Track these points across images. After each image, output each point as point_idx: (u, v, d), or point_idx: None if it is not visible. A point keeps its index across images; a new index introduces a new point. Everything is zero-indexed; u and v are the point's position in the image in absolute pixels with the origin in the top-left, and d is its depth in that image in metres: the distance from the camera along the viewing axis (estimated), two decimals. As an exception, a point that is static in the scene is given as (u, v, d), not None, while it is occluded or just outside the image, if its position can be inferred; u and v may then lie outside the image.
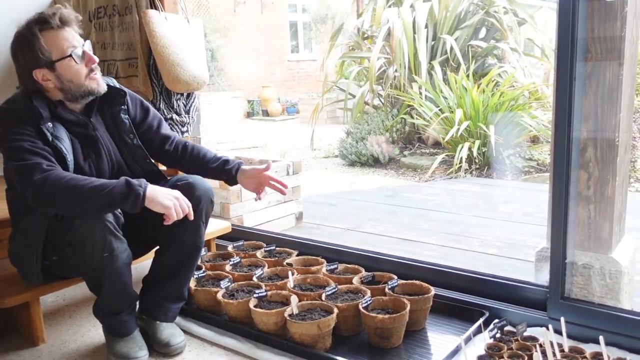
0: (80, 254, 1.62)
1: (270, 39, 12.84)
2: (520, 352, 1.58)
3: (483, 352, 1.60)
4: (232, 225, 2.63)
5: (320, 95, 7.88)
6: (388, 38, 6.53)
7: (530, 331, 1.72)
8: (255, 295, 1.91)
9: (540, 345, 1.58)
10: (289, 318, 1.76)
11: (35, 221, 1.69)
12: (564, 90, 1.65)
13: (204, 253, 2.34)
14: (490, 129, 5.36)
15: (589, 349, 1.58)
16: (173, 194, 1.62)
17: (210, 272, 2.17)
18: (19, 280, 1.86)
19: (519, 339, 1.66)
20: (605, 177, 1.70)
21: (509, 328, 1.74)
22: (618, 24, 1.62)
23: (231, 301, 1.92)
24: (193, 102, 2.42)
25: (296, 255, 2.33)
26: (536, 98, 5.97)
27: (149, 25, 2.19)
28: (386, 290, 1.91)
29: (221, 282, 2.04)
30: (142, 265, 2.04)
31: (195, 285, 2.06)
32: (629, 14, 1.63)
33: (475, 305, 1.92)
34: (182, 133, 2.37)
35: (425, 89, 6.14)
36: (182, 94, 2.36)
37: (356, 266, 2.16)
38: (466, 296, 1.97)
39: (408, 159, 6.09)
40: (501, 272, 2.05)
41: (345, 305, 1.80)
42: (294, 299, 1.83)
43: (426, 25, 6.64)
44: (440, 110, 5.88)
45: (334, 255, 2.33)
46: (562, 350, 1.56)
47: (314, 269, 2.15)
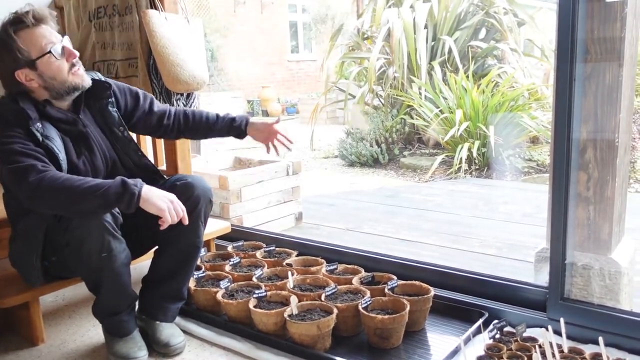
0: (78, 254, 1.62)
1: (270, 39, 12.84)
2: (519, 353, 1.58)
3: (482, 353, 1.61)
4: (232, 225, 2.63)
5: (319, 96, 7.89)
6: (388, 38, 6.53)
7: (529, 332, 1.72)
8: (254, 295, 1.91)
9: (540, 346, 1.58)
10: (288, 318, 1.76)
11: (33, 222, 1.69)
12: (563, 91, 1.65)
13: (203, 253, 2.34)
14: (490, 129, 5.36)
15: (588, 349, 1.58)
16: (168, 197, 1.60)
17: (209, 273, 2.17)
18: (19, 280, 1.86)
19: (519, 339, 1.66)
20: (605, 178, 1.70)
21: (508, 329, 1.75)
22: (618, 25, 1.62)
23: (231, 301, 1.92)
24: (193, 102, 2.42)
25: (296, 256, 2.33)
26: (536, 99, 5.97)
27: (149, 25, 2.19)
28: (386, 290, 1.91)
29: (221, 283, 2.04)
30: (142, 265, 2.04)
31: (194, 286, 2.06)
32: (628, 15, 1.63)
33: (474, 305, 1.92)
34: (182, 133, 2.37)
35: (425, 90, 6.15)
36: (182, 94, 2.35)
37: (356, 267, 2.16)
38: (466, 297, 1.97)
39: (408, 159, 6.09)
40: (501, 273, 2.05)
41: (345, 305, 1.80)
42: (294, 300, 1.83)
43: (426, 26, 6.64)
44: (440, 110, 5.88)
45: (333, 255, 2.33)
46: (562, 351, 1.56)
47: (314, 269, 2.15)
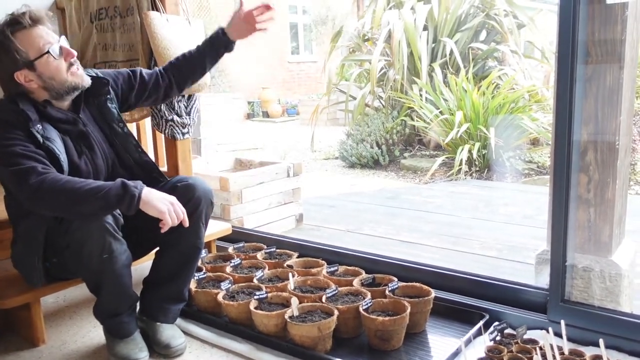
0: (79, 255, 1.62)
1: (271, 40, 12.84)
2: (520, 355, 1.58)
3: (483, 355, 1.61)
4: (233, 226, 2.63)
5: (320, 97, 7.89)
6: (388, 40, 6.54)
7: (530, 334, 1.72)
8: (255, 297, 1.91)
9: (541, 348, 1.58)
10: (289, 320, 1.76)
11: (34, 224, 1.69)
12: (564, 93, 1.66)
13: (204, 254, 2.34)
14: (490, 131, 5.36)
15: (589, 351, 1.58)
16: (168, 199, 1.60)
17: (210, 274, 2.18)
18: (20, 281, 1.86)
19: (519, 341, 1.66)
20: (606, 180, 1.70)
21: (509, 331, 1.75)
22: (619, 27, 1.63)
23: (231, 303, 1.92)
24: (194, 104, 2.42)
25: (296, 257, 2.33)
26: (536, 100, 5.97)
27: (150, 26, 2.19)
28: (386, 292, 1.91)
29: (222, 284, 2.04)
30: (142, 267, 2.05)
31: (195, 287, 2.06)
32: (629, 17, 1.63)
33: (475, 307, 1.92)
34: (183, 134, 2.37)
35: (425, 91, 6.15)
36: (183, 96, 2.36)
37: (356, 268, 2.16)
38: (466, 299, 1.97)
39: (408, 160, 6.09)
40: (501, 275, 2.05)
41: (346, 307, 1.81)
42: (295, 301, 1.83)
43: (426, 28, 6.65)
44: (440, 112, 5.88)
45: (334, 257, 2.33)
46: (562, 353, 1.57)
47: (315, 270, 2.16)
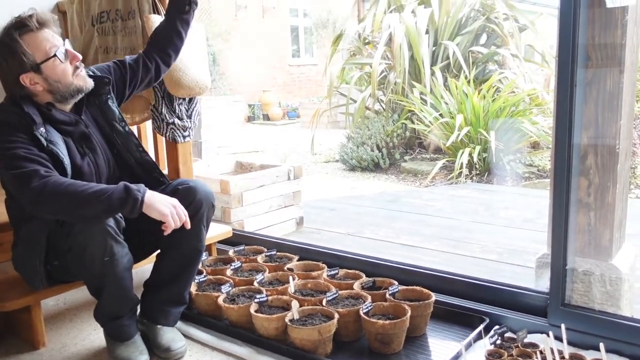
0: (80, 258, 1.62)
1: (272, 43, 12.87)
2: (520, 359, 1.58)
3: (483, 359, 1.61)
4: (233, 229, 2.64)
5: (320, 100, 7.90)
6: (389, 43, 6.55)
7: (530, 338, 1.72)
8: (256, 300, 1.91)
9: (541, 352, 1.58)
10: (289, 323, 1.76)
11: (36, 227, 1.69)
12: (564, 97, 1.66)
13: (204, 257, 2.34)
14: (490, 134, 5.37)
15: (589, 355, 1.58)
16: (170, 202, 1.61)
17: (211, 277, 2.18)
18: (20, 283, 1.87)
19: (520, 345, 1.66)
20: (606, 184, 1.70)
21: (509, 334, 1.75)
22: (619, 32, 1.63)
23: (232, 306, 1.92)
24: (195, 107, 2.43)
25: (297, 260, 2.34)
26: (537, 104, 5.98)
27: (151, 30, 2.19)
28: (387, 295, 1.91)
29: (222, 287, 2.04)
30: (143, 270, 2.05)
31: (196, 290, 2.06)
32: (629, 22, 1.63)
33: (475, 311, 1.92)
34: (184, 137, 2.38)
35: (426, 95, 6.16)
36: (184, 99, 2.36)
37: (357, 271, 2.16)
38: (467, 302, 1.97)
39: (408, 164, 6.09)
40: (501, 278, 2.05)
41: (346, 310, 1.81)
42: (295, 304, 1.84)
43: (427, 31, 6.66)
44: (440, 115, 5.89)
45: (334, 260, 2.33)
46: (563, 357, 1.57)
47: (315, 274, 2.16)
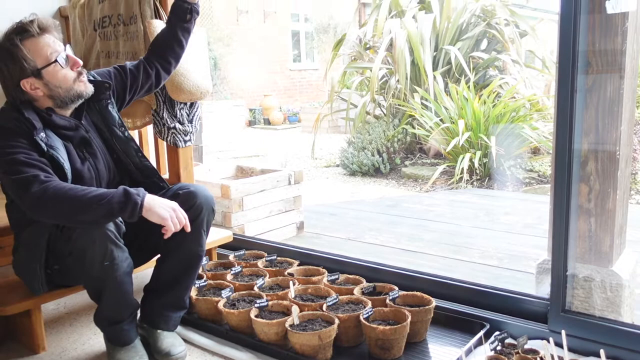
0: (81, 263, 1.63)
1: (273, 48, 12.91)
2: (521, 365, 1.58)
3: (484, 365, 1.61)
4: (234, 234, 2.64)
5: (321, 105, 7.92)
6: (390, 49, 6.56)
7: (531, 344, 1.72)
8: (256, 305, 1.91)
9: (541, 358, 1.58)
10: (289, 328, 1.76)
11: (36, 232, 1.69)
12: (565, 103, 1.66)
13: (205, 262, 2.34)
14: (491, 140, 5.37)
15: (589, 362, 1.58)
16: (170, 205, 1.61)
17: (211, 282, 2.18)
18: (21, 287, 1.87)
19: (520, 351, 1.66)
20: (606, 191, 1.70)
21: (509, 340, 1.74)
22: (619, 38, 1.64)
23: (232, 311, 1.92)
24: (196, 112, 2.43)
25: (297, 265, 2.34)
26: (537, 109, 5.99)
27: (153, 35, 2.20)
28: (387, 301, 1.91)
29: (222, 292, 2.04)
30: (143, 274, 2.05)
31: (196, 295, 2.06)
32: (629, 28, 1.64)
33: (476, 317, 1.92)
34: (185, 142, 2.38)
35: (426, 100, 6.17)
36: (186, 104, 2.37)
37: (357, 277, 2.16)
38: (467, 308, 1.97)
39: (409, 169, 6.10)
40: (502, 284, 2.05)
41: (346, 316, 1.80)
42: (295, 309, 1.83)
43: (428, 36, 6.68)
44: (441, 120, 5.90)
45: (335, 265, 2.33)
46: (563, 364, 1.56)
47: (315, 279, 2.16)
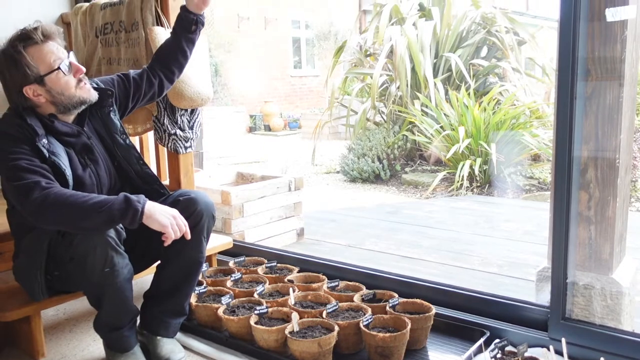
0: (81, 269, 1.63)
1: (273, 54, 12.95)
2: (521, 373, 1.57)
3: (484, 372, 1.60)
4: (234, 240, 2.63)
5: (322, 111, 7.94)
6: (391, 55, 6.59)
7: (531, 352, 1.71)
8: (256, 311, 1.91)
9: (541, 366, 1.58)
10: (289, 335, 1.76)
11: (38, 237, 1.69)
12: (564, 110, 1.67)
13: (205, 268, 2.34)
14: (491, 147, 5.38)
15: (590, 370, 1.57)
16: (171, 213, 1.62)
17: (211, 288, 2.18)
18: (20, 293, 1.86)
19: (520, 359, 1.65)
20: (606, 198, 1.70)
21: (510, 348, 1.74)
22: (618, 46, 1.64)
23: (232, 317, 1.92)
24: (197, 118, 2.44)
25: (297, 272, 2.34)
26: (537, 117, 6.00)
27: (155, 41, 2.21)
28: (387, 308, 1.91)
29: (222, 298, 2.04)
30: (143, 280, 2.05)
31: (196, 301, 2.06)
32: (628, 37, 1.65)
33: (476, 324, 1.91)
34: (186, 148, 2.39)
35: (427, 107, 6.18)
36: (186, 110, 2.37)
37: (357, 284, 2.16)
38: (467, 315, 1.97)
39: (409, 175, 6.10)
40: (502, 291, 2.05)
41: (346, 323, 1.80)
42: (295, 316, 1.83)
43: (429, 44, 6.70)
44: (441, 127, 5.91)
45: (335, 272, 2.33)
46: (563, 372, 1.56)
47: (315, 286, 2.16)
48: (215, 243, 2.47)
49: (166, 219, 1.59)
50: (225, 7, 11.56)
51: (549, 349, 1.58)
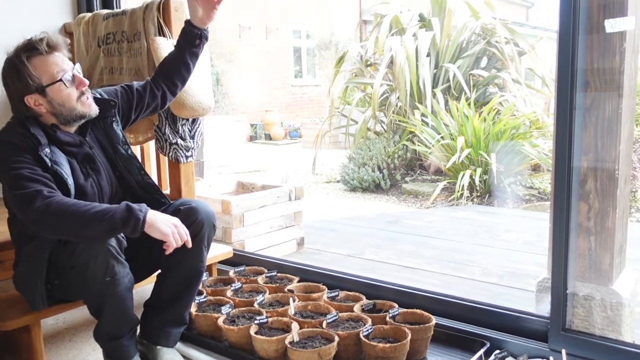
0: (82, 277, 1.63)
1: (274, 64, 13.00)
2: (521, 384, 1.57)
3: (484, 383, 1.60)
4: (234, 250, 2.64)
5: (322, 120, 7.96)
6: (391, 66, 6.62)
7: (531, 363, 1.72)
8: (256, 321, 1.90)
9: (542, 377, 1.58)
10: (289, 345, 1.75)
11: (39, 246, 1.69)
12: (564, 121, 1.68)
13: (205, 278, 2.34)
14: (491, 157, 5.39)
15: (590, 381, 1.57)
16: (172, 222, 1.62)
17: (211, 298, 2.18)
18: (20, 302, 1.86)
19: (520, 370, 1.65)
20: (606, 209, 1.71)
21: (510, 359, 1.74)
22: (617, 58, 1.65)
23: (232, 327, 1.91)
24: (198, 128, 2.45)
25: (297, 282, 2.33)
26: (537, 127, 6.01)
27: (156, 51, 2.23)
28: (387, 318, 1.91)
29: (222, 308, 2.04)
30: (143, 290, 2.05)
31: (196, 311, 2.06)
32: (627, 49, 1.66)
33: (476, 335, 1.91)
34: (187, 158, 2.40)
35: (427, 116, 6.20)
36: (188, 120, 2.38)
37: (357, 294, 2.16)
38: (467, 326, 1.96)
39: (409, 185, 6.11)
40: (502, 302, 2.05)
41: (346, 333, 1.80)
42: (295, 326, 1.83)
43: (428, 54, 6.73)
44: (441, 137, 5.92)
45: (335, 282, 2.33)
46: (564, 383, 1.56)
47: (315, 295, 2.15)
48: (215, 252, 2.47)
49: (168, 228, 1.59)
50: (226, 17, 11.62)
51: (549, 360, 1.58)
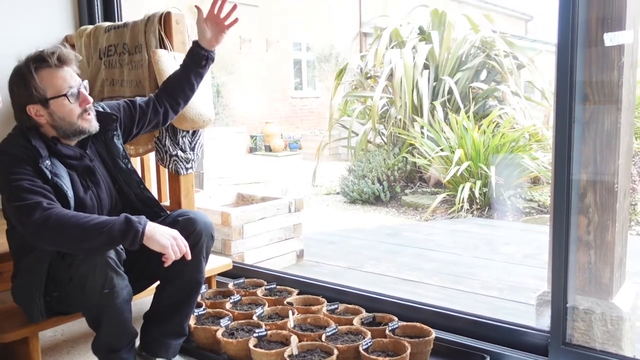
0: (81, 289, 1.62)
1: (275, 76, 13.06)
2: (521, 399, 1.56)
3: (484, 398, 1.59)
4: (233, 262, 2.63)
5: (322, 132, 7.98)
6: (390, 78, 6.65)
7: (531, 377, 1.71)
8: (255, 334, 1.90)
9: (542, 392, 1.57)
10: (288, 359, 1.75)
11: (38, 258, 1.69)
12: (563, 134, 1.69)
13: (204, 290, 2.33)
14: (491, 169, 5.40)
15: (591, 396, 1.56)
16: (171, 234, 1.62)
17: (210, 310, 2.17)
18: (19, 314, 1.85)
19: (521, 384, 1.64)
20: (605, 223, 1.71)
21: (510, 373, 1.73)
22: (615, 72, 1.67)
23: (231, 340, 1.90)
24: (198, 140, 2.46)
25: (297, 294, 2.33)
26: (536, 140, 6.02)
27: (157, 64, 2.24)
28: (387, 332, 1.90)
29: (221, 321, 2.03)
30: (142, 302, 2.04)
31: (195, 323, 2.05)
32: (625, 63, 1.67)
33: (476, 349, 1.90)
34: (187, 169, 2.40)
35: (426, 129, 6.22)
36: (188, 131, 2.39)
37: (357, 306, 2.15)
38: (467, 339, 1.96)
39: (409, 197, 6.11)
40: (502, 315, 2.04)
41: (346, 346, 1.79)
42: (294, 340, 1.82)
43: (428, 67, 6.77)
44: (441, 149, 5.93)
45: (334, 294, 2.32)
46: (564, 398, 1.55)
47: (315, 308, 2.15)
48: (214, 264, 2.46)
49: (167, 240, 1.59)
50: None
51: (549, 375, 1.57)
